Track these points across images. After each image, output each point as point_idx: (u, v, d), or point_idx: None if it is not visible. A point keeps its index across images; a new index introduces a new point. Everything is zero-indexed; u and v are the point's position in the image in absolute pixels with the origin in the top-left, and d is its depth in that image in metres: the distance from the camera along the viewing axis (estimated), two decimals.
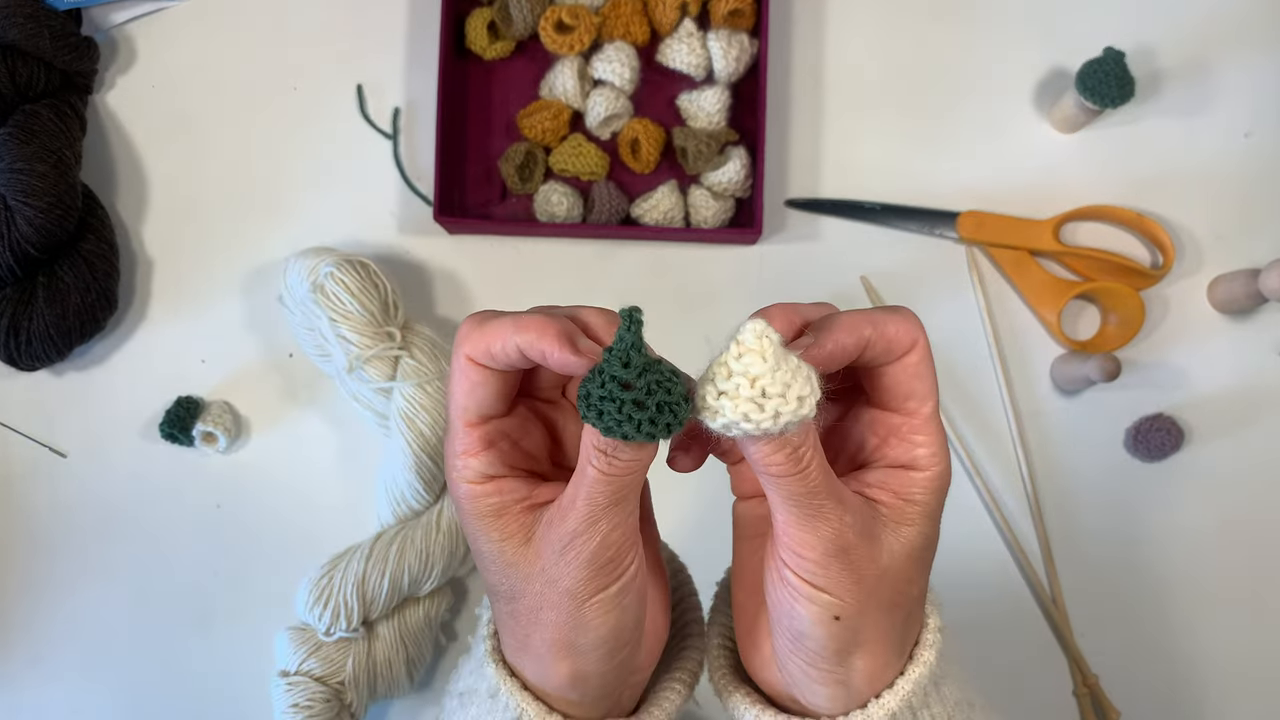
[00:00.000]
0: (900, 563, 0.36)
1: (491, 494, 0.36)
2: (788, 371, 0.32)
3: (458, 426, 0.37)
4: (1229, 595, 0.71)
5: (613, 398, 0.32)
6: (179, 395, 0.71)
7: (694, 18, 0.71)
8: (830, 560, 0.35)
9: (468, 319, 0.37)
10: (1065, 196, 0.72)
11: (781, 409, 0.32)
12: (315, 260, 0.66)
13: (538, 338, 0.35)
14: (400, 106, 0.74)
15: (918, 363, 0.36)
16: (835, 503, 0.35)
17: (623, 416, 0.32)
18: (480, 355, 0.36)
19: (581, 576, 0.35)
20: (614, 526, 0.35)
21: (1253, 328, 0.72)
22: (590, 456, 0.34)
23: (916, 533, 0.37)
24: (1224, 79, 0.73)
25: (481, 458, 0.36)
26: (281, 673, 0.66)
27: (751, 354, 0.33)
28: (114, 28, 0.74)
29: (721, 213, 0.71)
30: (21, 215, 0.66)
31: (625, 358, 0.33)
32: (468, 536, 0.38)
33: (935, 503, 0.37)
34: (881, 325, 0.36)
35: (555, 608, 0.36)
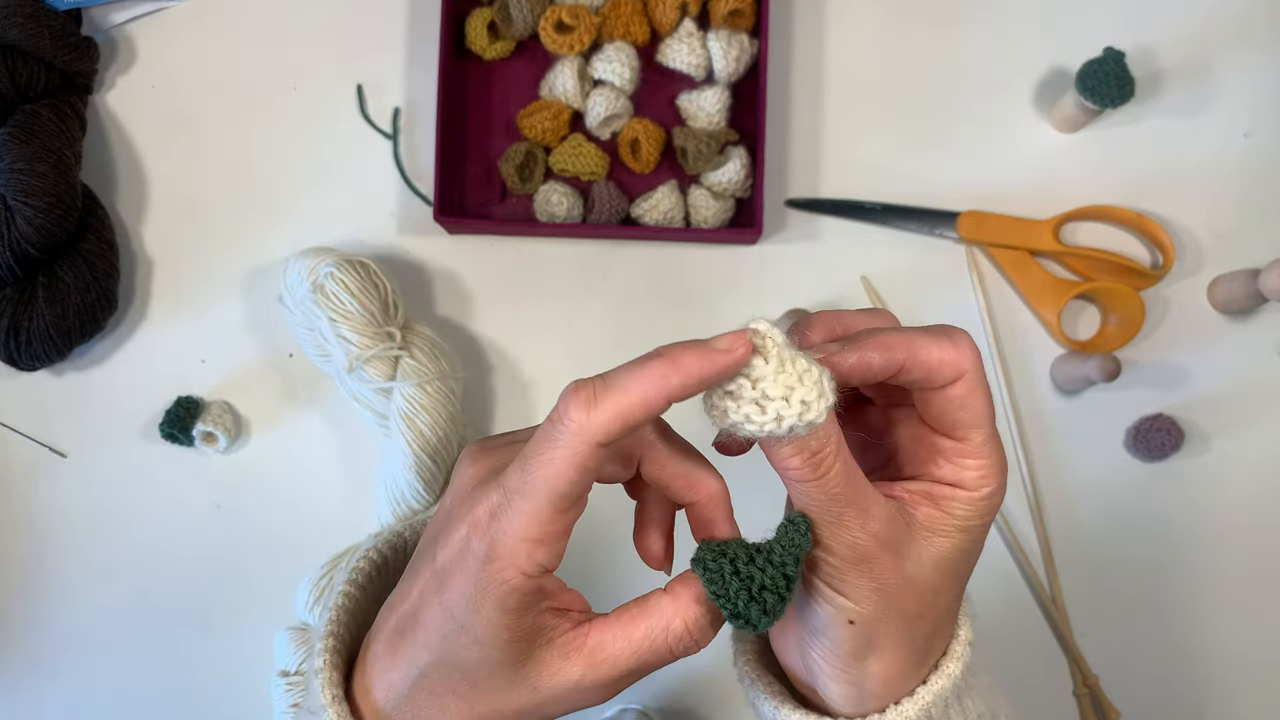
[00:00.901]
0: (927, 573, 0.35)
1: (532, 591, 0.33)
2: (793, 375, 0.31)
3: (545, 511, 0.32)
4: (1229, 595, 0.71)
5: (775, 590, 0.33)
6: (179, 395, 0.71)
7: (694, 18, 0.71)
8: (848, 566, 0.34)
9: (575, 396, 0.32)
10: (1065, 196, 0.72)
11: (784, 412, 0.31)
12: (315, 260, 0.66)
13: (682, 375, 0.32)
14: (400, 106, 0.74)
15: (964, 394, 0.34)
16: (857, 511, 0.34)
17: (771, 611, 0.33)
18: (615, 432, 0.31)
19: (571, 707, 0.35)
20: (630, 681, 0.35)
21: (1253, 328, 0.72)
22: (671, 632, 0.34)
23: (950, 545, 0.36)
24: (1224, 79, 0.73)
25: (553, 548, 0.33)
26: (281, 673, 0.66)
27: (754, 355, 0.32)
28: (114, 28, 0.74)
29: (721, 213, 0.71)
30: (21, 215, 0.66)
31: (799, 556, 0.33)
32: (458, 606, 0.34)
33: (977, 521, 0.36)
34: (922, 351, 0.34)
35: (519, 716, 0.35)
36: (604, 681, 0.34)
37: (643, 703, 0.70)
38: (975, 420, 0.35)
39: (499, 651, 0.33)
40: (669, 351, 0.32)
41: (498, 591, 0.33)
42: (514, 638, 0.33)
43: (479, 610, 0.33)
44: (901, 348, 0.34)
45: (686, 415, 0.37)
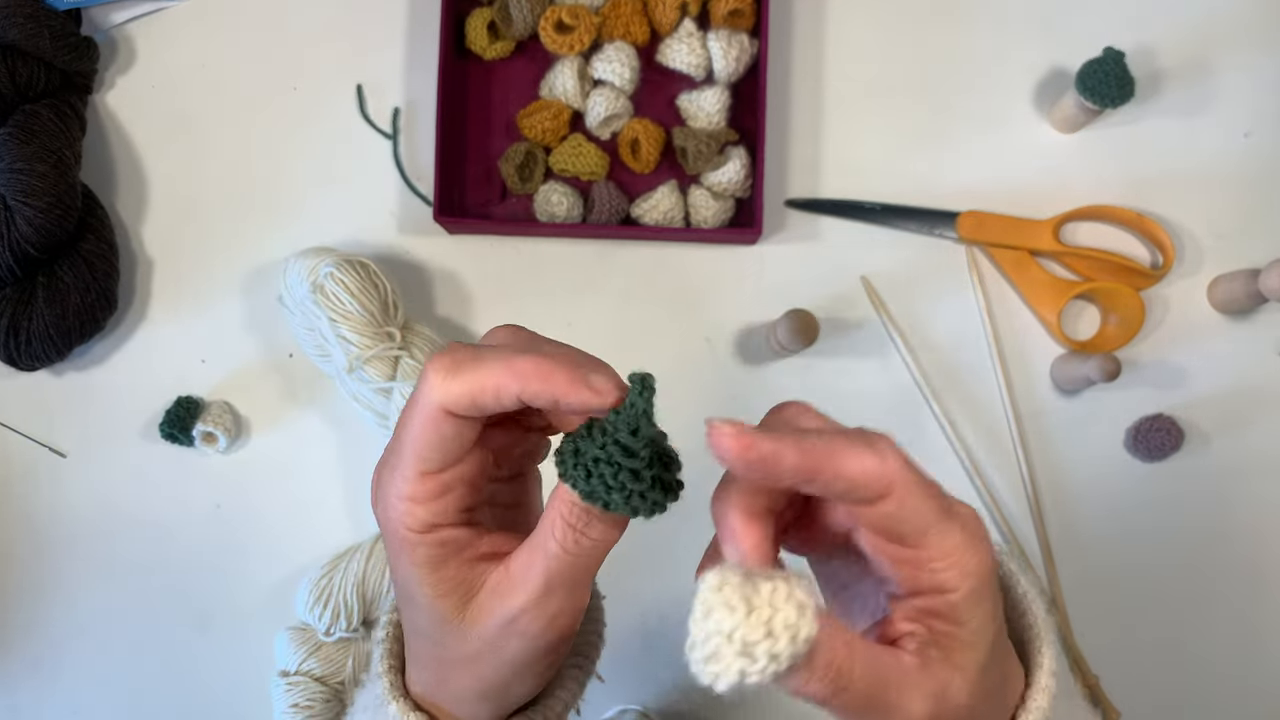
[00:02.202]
0: (975, 684, 0.32)
1: (433, 544, 0.33)
2: (765, 608, 0.28)
3: (410, 471, 0.32)
4: (1229, 595, 0.71)
5: (611, 461, 0.30)
6: (179, 395, 0.71)
7: (694, 18, 0.71)
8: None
9: (436, 364, 0.32)
10: (1065, 196, 0.72)
11: (775, 650, 0.28)
12: (315, 260, 0.66)
13: (543, 385, 0.31)
14: (400, 106, 0.74)
15: (893, 510, 0.31)
16: (892, 695, 0.31)
17: (616, 484, 0.30)
18: (462, 407, 0.31)
19: (524, 649, 0.33)
20: (564, 612, 0.33)
21: (1253, 328, 0.72)
22: (554, 529, 0.32)
23: (980, 652, 0.32)
24: (1224, 79, 0.73)
25: (431, 506, 0.33)
26: (281, 673, 0.66)
27: (716, 610, 0.28)
28: (114, 28, 0.74)
29: (721, 213, 0.71)
30: (21, 215, 0.66)
31: (635, 424, 0.30)
32: (395, 576, 0.34)
33: (980, 609, 0.32)
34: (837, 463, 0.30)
35: (486, 665, 0.34)
36: (529, 602, 0.32)
37: (643, 703, 0.70)
38: (918, 525, 0.31)
39: (435, 608, 0.33)
40: (551, 361, 0.31)
41: (403, 552, 0.33)
42: (440, 592, 0.33)
43: (402, 573, 0.34)
44: (819, 452, 0.30)
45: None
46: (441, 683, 0.36)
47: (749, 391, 0.72)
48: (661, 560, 0.71)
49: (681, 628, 0.58)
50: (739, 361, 0.72)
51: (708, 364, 0.72)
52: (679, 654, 0.65)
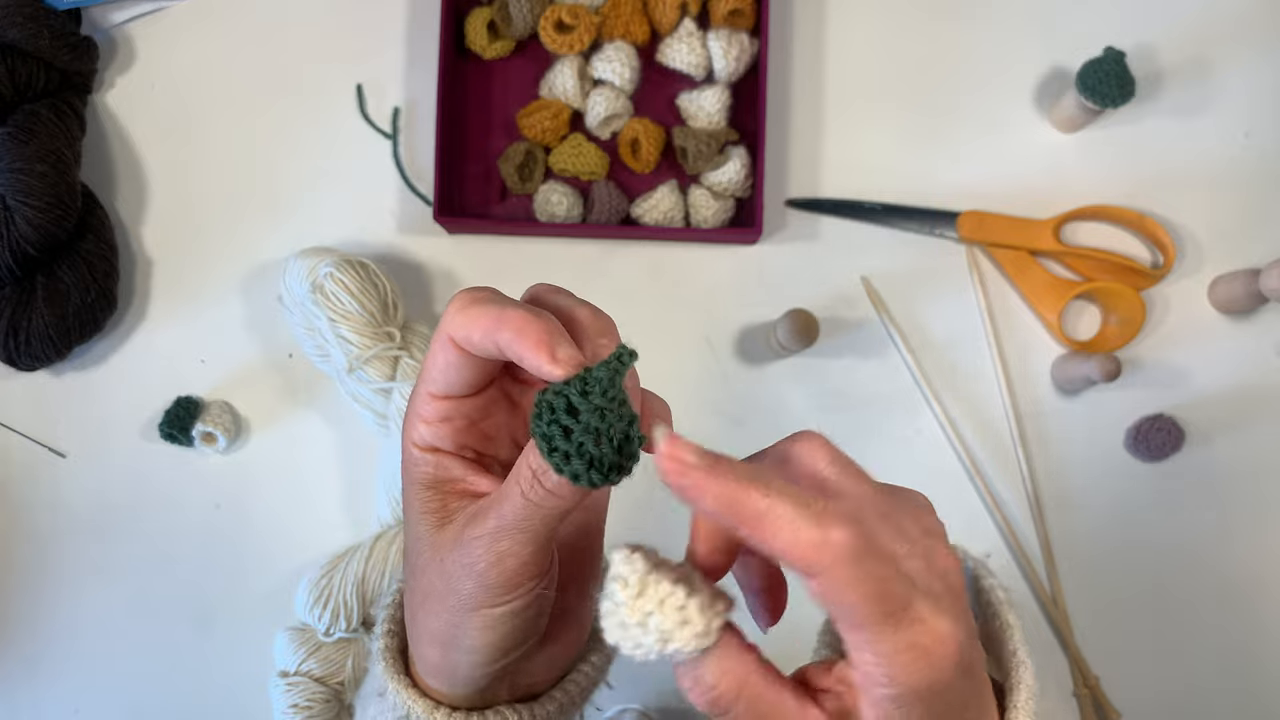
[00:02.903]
0: None
1: (429, 464, 0.36)
2: (651, 604, 0.29)
3: (421, 392, 0.36)
4: (1229, 595, 0.71)
5: (563, 424, 0.30)
6: (178, 395, 0.71)
7: (694, 17, 0.71)
8: None
9: (459, 295, 0.34)
10: (1065, 196, 0.72)
11: (644, 641, 0.29)
12: (314, 260, 0.66)
13: (515, 337, 0.32)
14: (400, 106, 0.74)
15: (824, 594, 0.28)
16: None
17: (569, 445, 0.30)
18: (461, 339, 0.34)
19: (469, 589, 0.34)
20: (513, 554, 0.33)
21: (1253, 328, 0.72)
22: (520, 475, 0.32)
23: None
24: (1224, 79, 0.73)
25: (433, 428, 0.36)
26: (281, 673, 0.66)
27: (615, 581, 0.30)
28: (114, 27, 0.74)
29: (721, 213, 0.71)
30: (21, 215, 0.66)
31: (597, 387, 0.30)
32: (403, 495, 0.37)
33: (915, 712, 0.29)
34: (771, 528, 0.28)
35: (441, 602, 0.35)
36: (484, 533, 0.33)
37: (643, 703, 0.70)
38: (853, 620, 0.28)
39: (419, 525, 0.36)
40: (535, 322, 0.32)
41: (406, 465, 0.36)
42: (424, 510, 0.36)
43: (404, 490, 0.37)
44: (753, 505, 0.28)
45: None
46: (411, 619, 0.37)
47: (749, 391, 0.72)
48: None
49: None
50: (739, 361, 0.72)
51: (708, 364, 0.72)
52: None
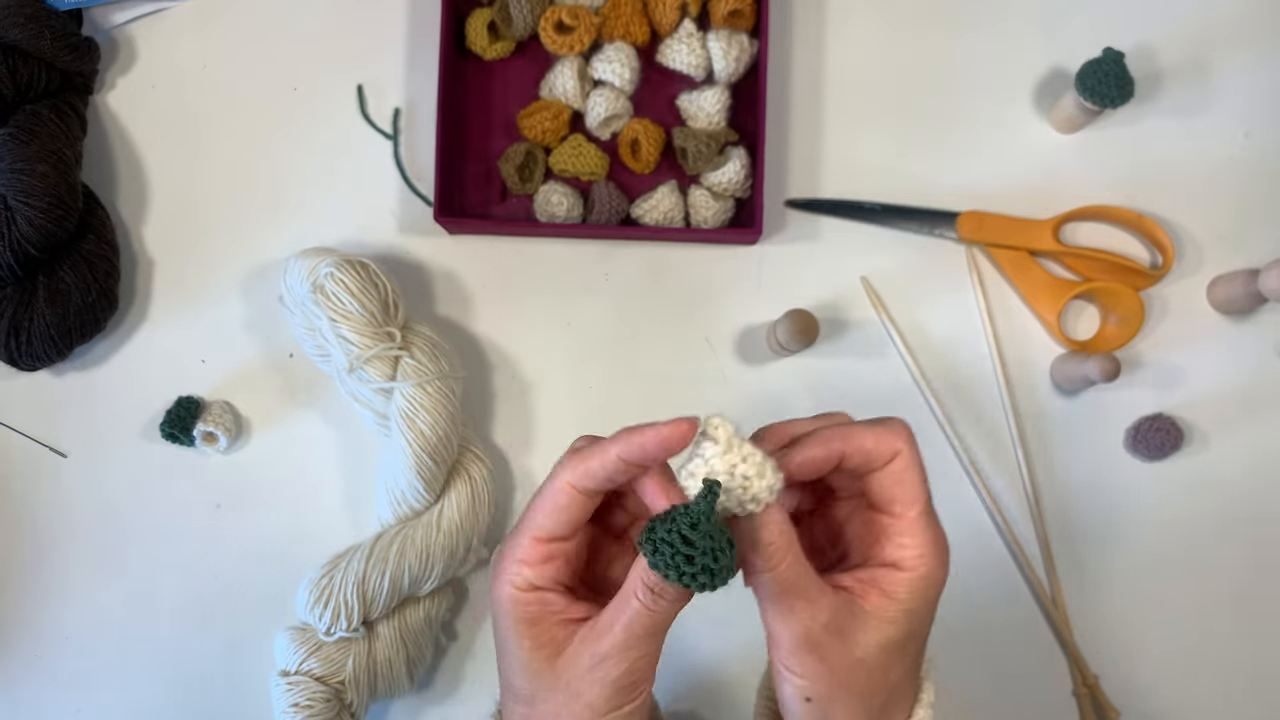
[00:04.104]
0: (875, 655, 0.39)
1: (534, 603, 0.40)
2: (736, 455, 0.38)
3: (526, 538, 0.40)
4: (1228, 595, 0.71)
5: (673, 545, 0.36)
6: (179, 395, 0.71)
7: (694, 18, 0.71)
8: (800, 651, 0.39)
9: (570, 450, 0.41)
10: (1065, 197, 0.72)
11: (729, 485, 0.37)
12: (315, 260, 0.66)
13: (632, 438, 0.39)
14: (400, 107, 0.74)
15: (900, 470, 0.40)
16: (806, 601, 0.39)
17: (673, 563, 0.36)
18: (579, 478, 0.40)
19: (604, 694, 0.39)
20: (642, 655, 0.39)
21: (1252, 328, 0.72)
22: (637, 589, 0.38)
23: (896, 630, 0.40)
24: (1223, 79, 0.74)
25: (537, 569, 0.40)
26: (282, 672, 0.66)
27: (706, 439, 0.38)
28: (115, 28, 0.74)
29: (721, 213, 0.71)
30: (22, 215, 0.66)
31: (694, 520, 0.36)
32: (497, 637, 0.42)
33: (919, 603, 0.40)
34: (858, 439, 0.40)
35: (573, 716, 0.39)
36: (613, 648, 0.39)
37: None
38: (910, 495, 0.40)
39: (531, 661, 0.40)
40: (636, 429, 0.40)
41: (507, 609, 0.40)
42: (536, 645, 0.40)
43: (503, 631, 0.41)
44: (840, 439, 0.40)
45: None
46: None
47: (749, 391, 0.72)
48: None
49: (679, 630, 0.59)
50: (739, 361, 0.72)
51: (708, 364, 0.72)
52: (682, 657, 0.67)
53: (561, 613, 0.40)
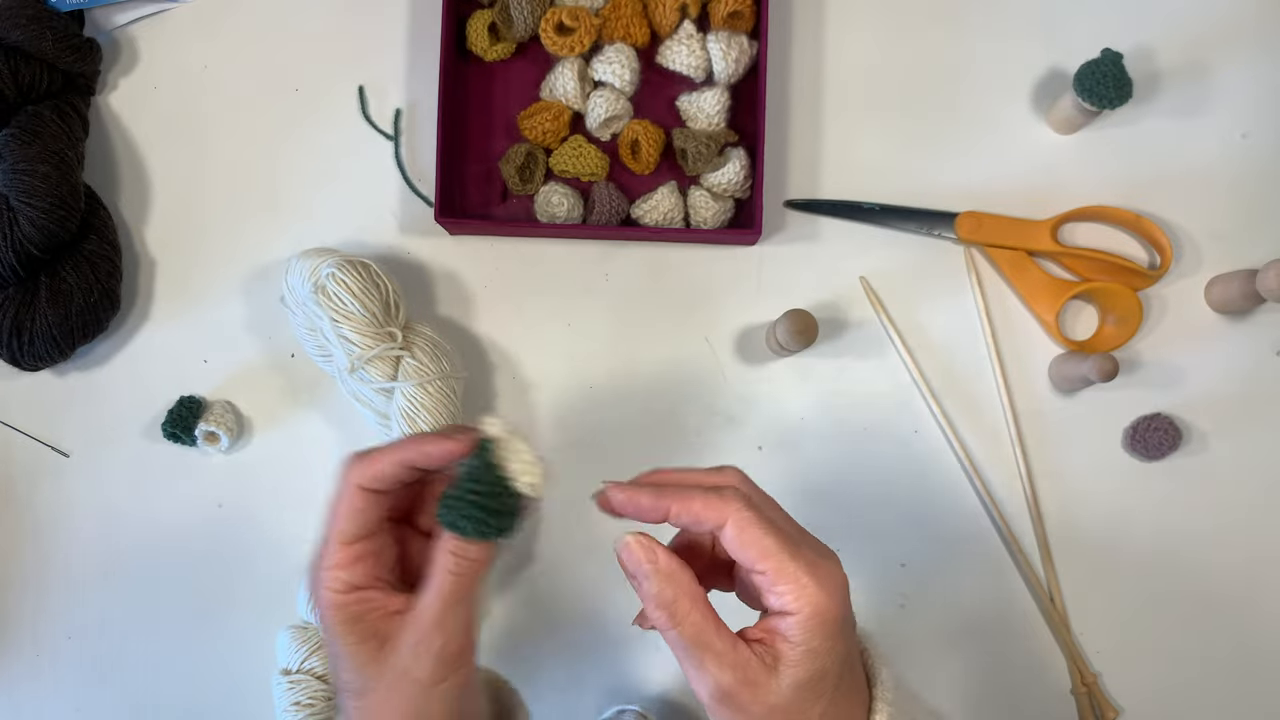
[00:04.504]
0: (790, 697, 0.41)
1: (354, 602, 0.42)
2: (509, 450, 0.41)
3: (332, 544, 0.43)
4: (1228, 595, 0.71)
5: (461, 498, 0.41)
6: (181, 395, 0.71)
7: (694, 19, 0.72)
8: (716, 704, 0.41)
9: (351, 457, 0.44)
10: (1063, 197, 0.72)
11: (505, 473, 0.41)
12: (316, 261, 0.66)
13: (419, 444, 0.42)
14: (401, 108, 0.74)
15: (734, 535, 0.41)
16: (714, 655, 0.40)
17: (464, 515, 0.41)
18: (368, 480, 0.42)
19: (429, 667, 0.41)
20: (459, 623, 0.41)
21: (1250, 328, 0.72)
22: (443, 559, 0.41)
23: (803, 670, 0.41)
24: (1221, 80, 0.74)
25: (349, 570, 0.43)
26: (283, 671, 0.66)
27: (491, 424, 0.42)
28: (117, 29, 0.75)
29: (721, 213, 0.71)
30: (24, 216, 0.66)
31: (474, 474, 0.41)
32: (326, 640, 0.44)
33: (818, 640, 0.40)
34: (688, 502, 0.42)
35: (404, 696, 0.42)
36: (427, 625, 0.41)
37: (642, 704, 0.70)
38: (757, 553, 0.41)
39: (358, 654, 0.42)
40: (423, 438, 0.43)
41: (326, 611, 0.43)
42: (360, 639, 0.42)
43: (330, 634, 0.43)
44: (672, 498, 0.42)
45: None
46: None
47: (749, 391, 0.72)
48: None
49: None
50: (739, 361, 0.72)
51: (708, 364, 0.72)
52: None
53: (382, 606, 0.43)
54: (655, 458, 0.71)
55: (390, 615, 0.43)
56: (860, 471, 0.71)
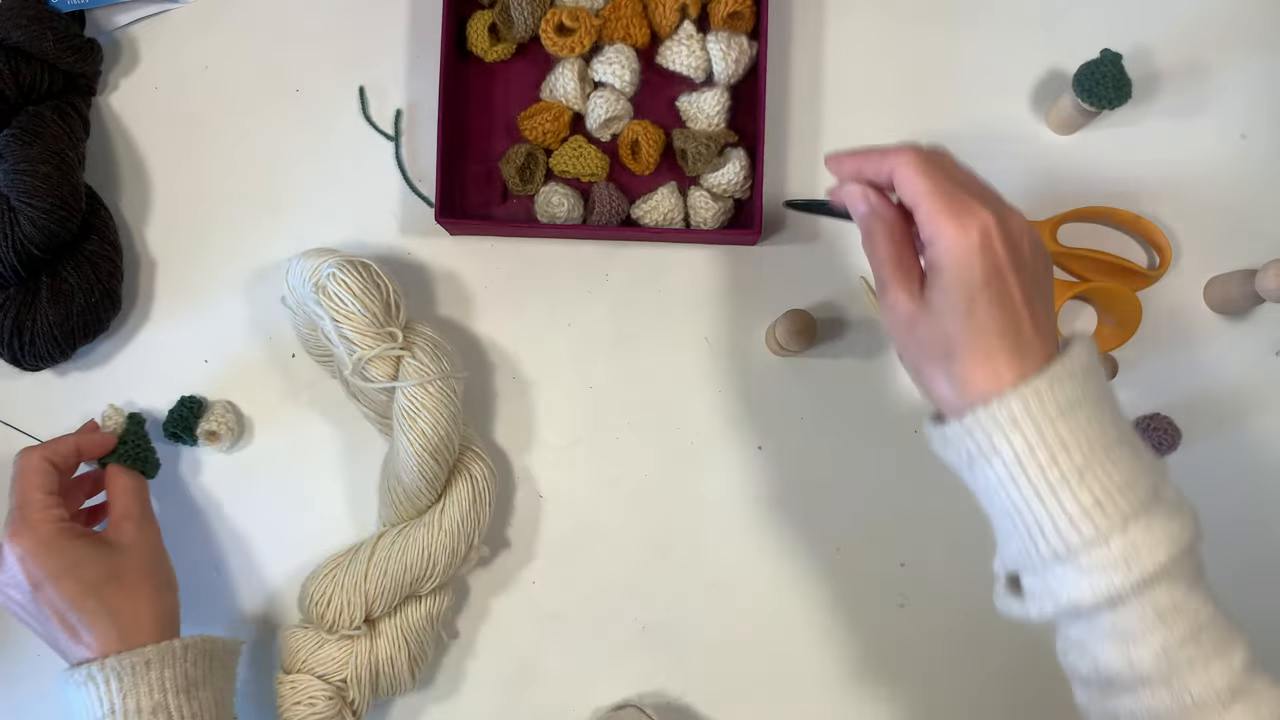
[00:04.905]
0: (943, 299, 0.47)
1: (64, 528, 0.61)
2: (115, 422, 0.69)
3: (36, 496, 0.60)
4: (1226, 594, 0.71)
5: (126, 454, 0.67)
6: (182, 395, 0.71)
7: (693, 20, 0.72)
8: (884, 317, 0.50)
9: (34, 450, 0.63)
10: (1062, 198, 0.72)
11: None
12: (317, 261, 0.66)
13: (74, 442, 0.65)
14: (402, 108, 0.74)
15: (902, 182, 0.48)
16: (895, 282, 0.49)
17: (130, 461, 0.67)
18: (52, 454, 0.62)
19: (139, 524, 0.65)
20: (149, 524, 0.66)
21: (1249, 328, 0.72)
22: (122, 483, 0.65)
23: (946, 278, 0.47)
24: (1220, 81, 0.74)
25: (58, 511, 0.61)
26: (284, 670, 0.66)
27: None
28: (117, 30, 0.75)
29: (721, 213, 0.71)
30: (25, 216, 0.66)
31: (123, 438, 0.67)
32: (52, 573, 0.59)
33: (955, 274, 0.46)
34: (865, 162, 0.51)
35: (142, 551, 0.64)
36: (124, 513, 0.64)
37: (641, 698, 0.70)
38: (911, 197, 0.48)
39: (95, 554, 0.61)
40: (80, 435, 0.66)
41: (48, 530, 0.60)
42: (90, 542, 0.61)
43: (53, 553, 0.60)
44: (861, 154, 0.51)
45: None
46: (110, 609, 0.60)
47: (748, 391, 0.72)
48: (659, 563, 0.72)
49: (678, 627, 0.58)
50: (739, 361, 0.72)
51: (708, 364, 0.72)
52: (675, 643, 0.67)
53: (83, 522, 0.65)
54: (655, 458, 0.71)
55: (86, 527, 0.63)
56: (860, 471, 0.71)
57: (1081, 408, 0.45)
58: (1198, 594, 0.47)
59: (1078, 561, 0.45)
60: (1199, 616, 0.47)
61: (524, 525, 0.72)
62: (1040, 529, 0.45)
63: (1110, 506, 0.44)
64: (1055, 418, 0.45)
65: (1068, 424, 0.45)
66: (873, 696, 0.71)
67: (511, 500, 0.72)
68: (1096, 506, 0.44)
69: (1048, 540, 0.45)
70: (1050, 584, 0.46)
